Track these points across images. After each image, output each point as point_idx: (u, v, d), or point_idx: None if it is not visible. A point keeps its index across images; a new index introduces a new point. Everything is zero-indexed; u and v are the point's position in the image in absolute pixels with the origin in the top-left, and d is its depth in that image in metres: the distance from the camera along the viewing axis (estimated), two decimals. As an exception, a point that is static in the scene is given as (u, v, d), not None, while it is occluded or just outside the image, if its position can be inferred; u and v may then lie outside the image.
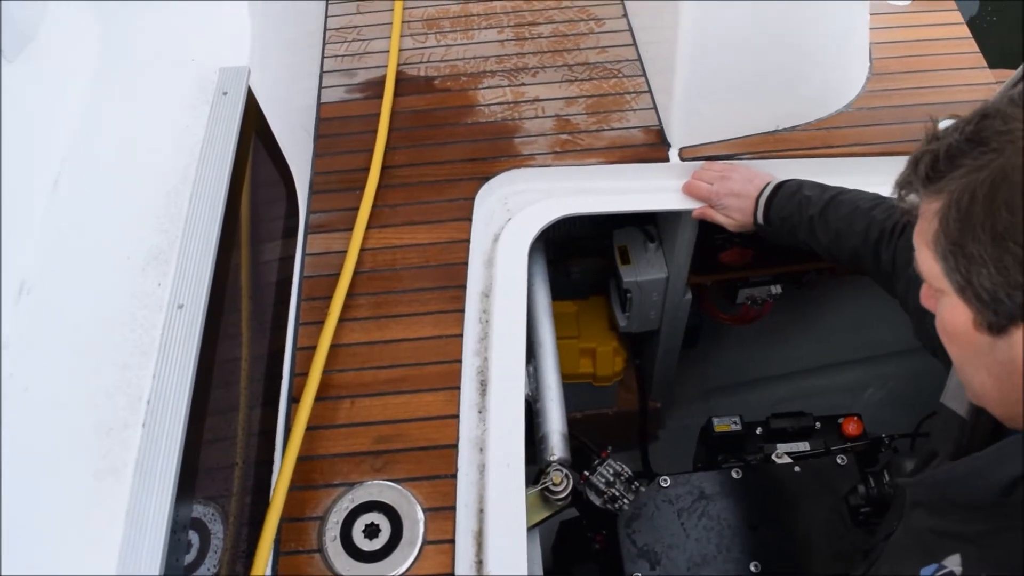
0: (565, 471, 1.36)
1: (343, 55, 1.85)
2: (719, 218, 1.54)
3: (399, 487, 1.24)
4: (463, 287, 1.46)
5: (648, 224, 1.88)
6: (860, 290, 2.01)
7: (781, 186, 1.45)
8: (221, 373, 1.10)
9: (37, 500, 0.90)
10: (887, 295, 1.30)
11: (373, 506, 1.23)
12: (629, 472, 1.44)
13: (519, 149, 1.65)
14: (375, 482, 1.25)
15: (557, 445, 1.41)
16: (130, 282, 1.05)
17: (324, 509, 1.23)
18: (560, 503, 1.34)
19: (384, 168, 1.61)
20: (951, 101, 1.67)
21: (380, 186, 1.58)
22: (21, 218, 1.07)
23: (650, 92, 1.73)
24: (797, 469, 1.53)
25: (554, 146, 1.65)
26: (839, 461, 1.53)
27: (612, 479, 1.42)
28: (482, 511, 1.23)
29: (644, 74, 1.76)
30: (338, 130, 1.71)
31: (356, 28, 1.91)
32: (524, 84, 1.76)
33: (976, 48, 1.79)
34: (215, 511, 1.05)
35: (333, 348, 1.37)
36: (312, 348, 1.35)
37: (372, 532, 1.20)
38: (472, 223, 1.54)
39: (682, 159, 1.62)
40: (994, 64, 1.78)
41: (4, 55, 1.15)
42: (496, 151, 1.65)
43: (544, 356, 1.56)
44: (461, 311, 1.43)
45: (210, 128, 1.20)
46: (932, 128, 0.75)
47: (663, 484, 1.50)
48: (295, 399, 1.30)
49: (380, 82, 1.77)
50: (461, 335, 1.40)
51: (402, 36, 1.88)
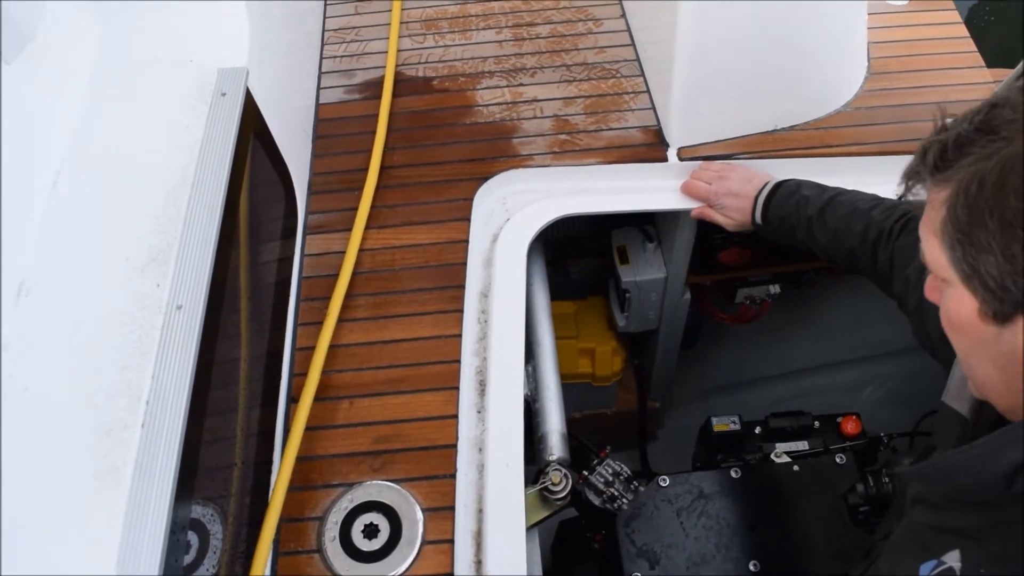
0: (564, 471, 1.36)
1: (341, 56, 1.85)
2: (717, 218, 1.54)
3: (398, 487, 1.24)
4: (462, 287, 1.46)
5: (647, 224, 1.88)
6: (858, 289, 2.01)
7: (779, 186, 1.45)
8: (220, 373, 1.10)
9: (37, 500, 0.90)
10: (885, 295, 1.30)
11: (372, 506, 1.23)
12: (628, 472, 1.44)
13: (518, 149, 1.65)
14: (374, 482, 1.25)
15: (556, 445, 1.41)
16: (129, 283, 1.05)
17: (323, 509, 1.23)
18: (559, 503, 1.34)
19: (383, 168, 1.61)
20: (949, 100, 1.67)
21: (379, 186, 1.58)
22: (21, 218, 1.07)
23: (648, 92, 1.73)
24: (796, 468, 1.53)
25: (552, 146, 1.65)
26: (838, 460, 1.53)
27: (611, 479, 1.42)
28: (481, 511, 1.23)
29: (642, 74, 1.76)
30: (337, 131, 1.71)
31: (354, 29, 1.91)
32: (522, 84, 1.76)
33: (974, 47, 1.79)
34: (214, 511, 1.05)
35: (332, 348, 1.37)
36: (311, 348, 1.36)
37: (371, 532, 1.20)
38: (471, 223, 1.54)
39: (680, 159, 1.62)
40: (992, 63, 1.78)
41: (3, 55, 1.15)
42: (495, 151, 1.65)
43: (543, 356, 1.56)
44: (460, 311, 1.43)
45: (209, 129, 1.20)
46: (941, 119, 0.75)
47: (662, 484, 1.50)
48: (294, 399, 1.30)
49: (379, 83, 1.77)
50: (460, 335, 1.40)
51: (400, 37, 1.88)
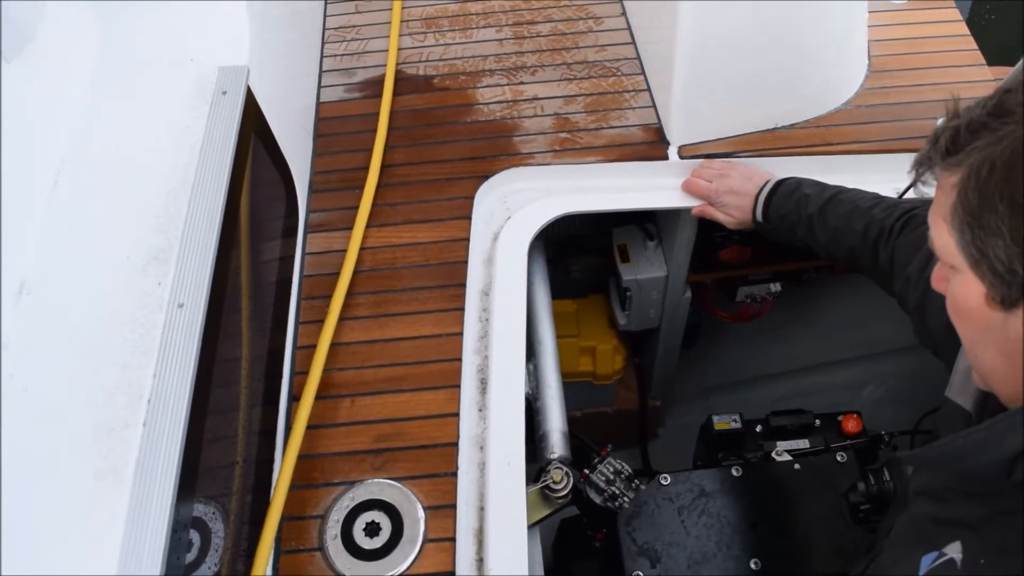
0: (565, 469, 1.36)
1: (342, 54, 1.85)
2: (718, 216, 1.54)
3: (400, 485, 1.24)
4: (463, 286, 1.46)
5: (647, 222, 1.88)
6: (859, 288, 2.01)
7: (780, 184, 1.45)
8: (221, 372, 1.10)
9: (37, 500, 0.90)
10: (886, 293, 1.30)
11: (374, 504, 1.23)
12: (629, 470, 1.43)
13: (518, 148, 1.65)
14: (376, 480, 1.25)
15: (557, 443, 1.41)
16: (130, 282, 1.05)
17: (325, 508, 1.23)
18: (560, 501, 1.35)
19: (383, 167, 1.61)
20: (949, 99, 1.67)
21: (380, 185, 1.58)
22: (21, 218, 1.07)
23: (649, 90, 1.73)
24: (797, 467, 1.53)
25: (553, 144, 1.65)
26: (839, 458, 1.53)
27: (612, 477, 1.42)
28: (483, 509, 1.23)
29: (643, 72, 1.76)
30: (337, 129, 1.71)
31: (355, 27, 1.91)
32: (523, 83, 1.76)
33: (974, 45, 1.79)
34: (216, 510, 1.05)
35: (333, 347, 1.37)
36: (312, 347, 1.36)
37: (373, 530, 1.20)
38: (472, 222, 1.54)
39: (681, 157, 1.62)
40: (993, 61, 1.78)
41: (3, 55, 1.15)
42: (495, 150, 1.65)
43: (544, 354, 1.56)
44: (461, 309, 1.43)
45: (209, 128, 1.20)
46: (953, 106, 0.75)
47: (663, 482, 1.50)
48: (295, 398, 1.30)
49: (379, 81, 1.77)
50: (461, 333, 1.40)
51: (401, 35, 1.88)
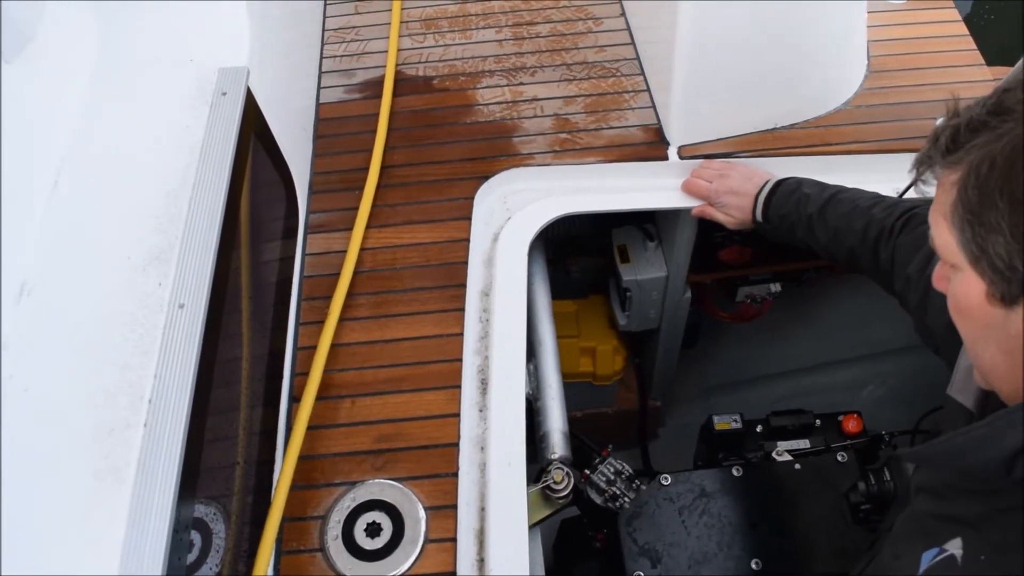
0: (566, 469, 1.36)
1: (342, 55, 1.85)
2: (718, 216, 1.54)
3: (400, 486, 1.24)
4: (463, 286, 1.46)
5: (647, 223, 1.88)
6: (859, 288, 2.01)
7: (780, 184, 1.45)
8: (222, 373, 1.10)
9: (38, 501, 0.89)
10: (886, 293, 1.30)
11: (374, 505, 1.23)
12: (630, 470, 1.44)
13: (518, 148, 1.65)
14: (376, 481, 1.25)
15: (558, 443, 1.41)
16: (131, 282, 1.05)
17: (326, 508, 1.23)
18: (561, 501, 1.34)
19: (383, 168, 1.61)
20: (949, 99, 1.67)
21: (379, 186, 1.58)
22: (21, 218, 1.07)
23: (648, 91, 1.73)
24: (797, 467, 1.53)
25: (553, 145, 1.65)
26: (839, 458, 1.53)
27: (613, 477, 1.42)
28: (483, 509, 1.23)
29: (642, 73, 1.76)
30: (337, 130, 1.71)
31: (354, 28, 1.91)
32: (523, 83, 1.77)
33: (973, 45, 1.79)
34: (217, 511, 1.05)
35: (333, 347, 1.37)
36: (312, 348, 1.36)
37: (374, 531, 1.20)
38: (472, 222, 1.54)
39: (681, 157, 1.62)
40: (992, 62, 1.78)
41: (3, 55, 1.15)
42: (495, 150, 1.65)
43: (544, 355, 1.56)
44: (461, 310, 1.43)
45: (210, 128, 1.20)
46: (953, 106, 0.75)
47: (664, 482, 1.50)
48: (296, 398, 1.30)
49: (379, 82, 1.77)
50: (461, 334, 1.40)
51: (400, 36, 1.88)
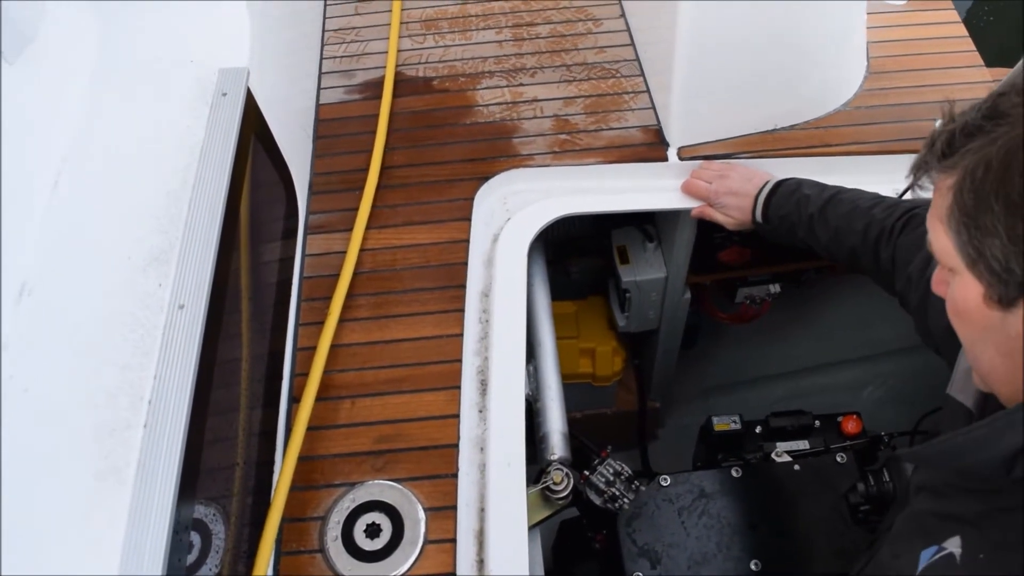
0: (566, 470, 1.36)
1: (342, 56, 1.85)
2: (718, 217, 1.54)
3: (400, 487, 1.24)
4: (463, 287, 1.46)
5: (647, 224, 1.88)
6: (859, 289, 2.01)
7: (780, 185, 1.45)
8: (222, 373, 1.10)
9: (38, 501, 0.89)
10: (886, 293, 1.30)
11: (374, 506, 1.23)
12: (629, 471, 1.44)
13: (518, 149, 1.65)
14: (376, 482, 1.25)
15: (557, 444, 1.41)
16: (131, 283, 1.05)
17: (325, 509, 1.23)
18: (561, 502, 1.34)
19: (383, 168, 1.62)
20: (948, 100, 1.67)
21: (379, 186, 1.59)
22: (21, 218, 1.07)
23: (648, 92, 1.73)
24: (797, 467, 1.53)
25: (553, 146, 1.65)
26: (839, 459, 1.53)
27: (612, 478, 1.42)
28: (483, 510, 1.23)
29: (642, 74, 1.76)
30: (337, 131, 1.71)
31: (355, 29, 1.91)
32: (522, 84, 1.77)
33: (973, 47, 1.79)
34: (216, 511, 1.05)
35: (333, 348, 1.37)
36: (312, 348, 1.36)
37: (373, 532, 1.20)
38: (471, 223, 1.54)
39: (680, 158, 1.62)
40: (991, 63, 1.78)
41: (4, 56, 1.15)
42: (495, 151, 1.65)
43: (544, 356, 1.56)
44: (461, 311, 1.43)
45: (210, 129, 1.20)
46: (948, 111, 0.76)
47: (663, 483, 1.50)
48: (296, 399, 1.30)
49: (379, 83, 1.77)
50: (461, 335, 1.40)
51: (400, 37, 1.88)
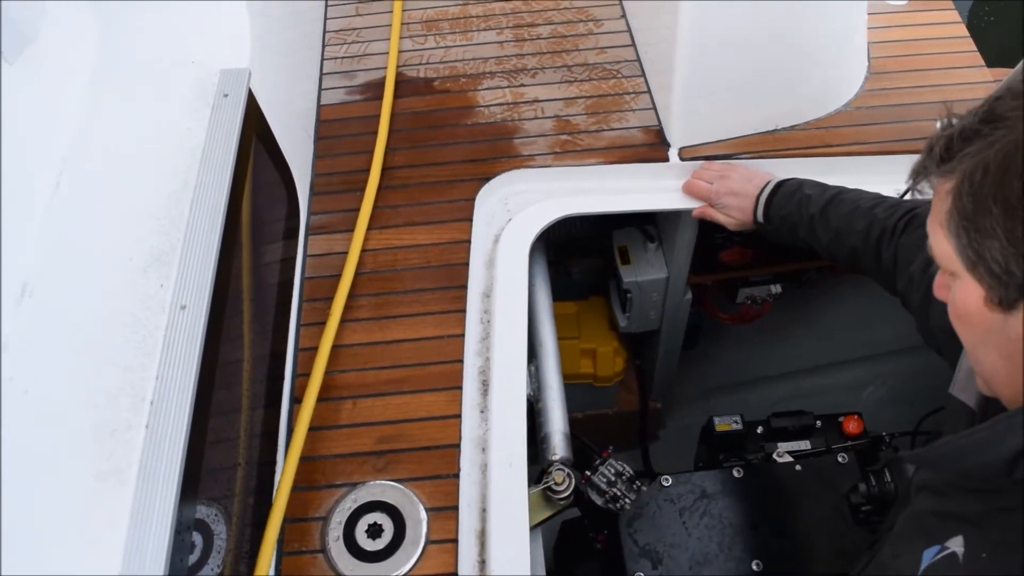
0: (567, 471, 1.36)
1: (343, 57, 1.85)
2: (719, 217, 1.54)
3: (402, 487, 1.24)
4: (464, 287, 1.46)
5: (648, 224, 1.88)
6: (860, 289, 2.01)
7: (781, 185, 1.45)
8: (224, 374, 1.10)
9: (39, 501, 0.90)
10: (887, 293, 1.30)
11: (376, 506, 1.23)
12: (630, 472, 1.44)
13: (519, 150, 1.65)
14: (378, 482, 1.25)
15: (559, 445, 1.41)
16: (132, 283, 1.05)
17: (327, 509, 1.23)
18: (562, 503, 1.34)
19: (384, 169, 1.62)
20: (949, 100, 1.66)
21: (380, 187, 1.59)
22: (22, 219, 1.07)
23: (649, 92, 1.73)
24: (798, 468, 1.53)
25: (554, 146, 1.65)
26: (840, 460, 1.53)
27: (613, 479, 1.42)
28: (485, 511, 1.23)
29: (643, 74, 1.76)
30: (338, 132, 1.71)
31: (355, 30, 1.91)
32: (523, 85, 1.77)
33: (974, 47, 1.79)
34: (218, 512, 1.05)
35: (335, 349, 1.37)
36: (314, 349, 1.36)
37: (375, 532, 1.20)
38: (473, 224, 1.54)
39: (681, 159, 1.62)
40: (992, 63, 1.78)
41: (4, 57, 1.15)
42: (496, 152, 1.65)
43: (545, 356, 1.56)
44: (462, 311, 1.43)
45: (211, 130, 1.20)
46: (947, 114, 0.76)
47: (664, 483, 1.50)
48: (297, 400, 1.31)
49: (380, 84, 1.77)
50: (462, 335, 1.40)
51: (401, 38, 1.88)
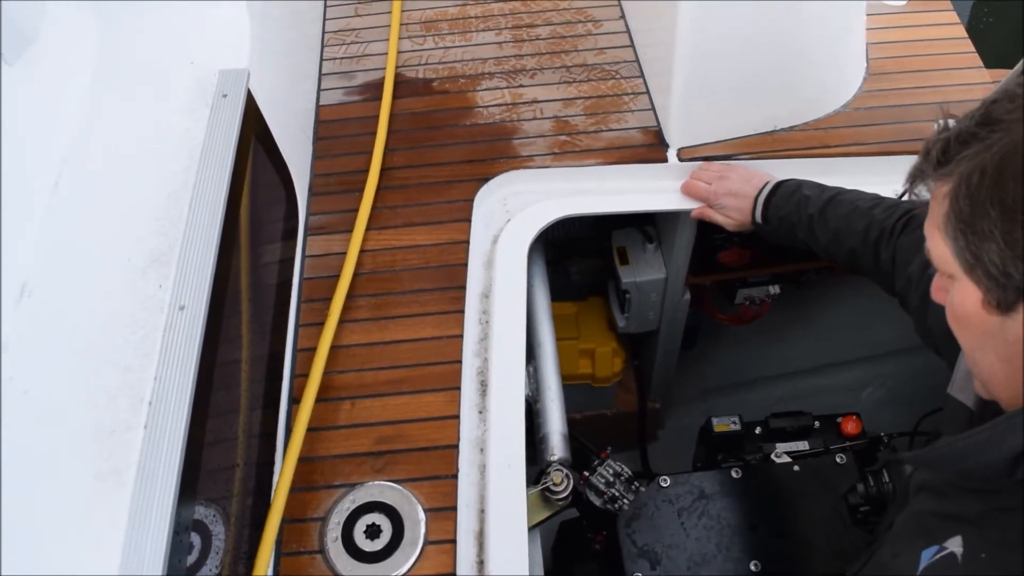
0: (566, 471, 1.36)
1: (341, 57, 1.85)
2: (718, 218, 1.54)
3: (400, 487, 1.24)
4: (463, 288, 1.46)
5: (647, 225, 1.88)
6: (859, 289, 2.01)
7: (780, 186, 1.46)
8: (222, 375, 1.10)
9: (38, 502, 0.90)
10: (886, 294, 1.31)
11: (374, 507, 1.23)
12: (629, 472, 1.44)
13: (518, 150, 1.65)
14: (376, 483, 1.25)
15: (557, 445, 1.41)
16: (131, 284, 1.05)
17: (325, 510, 1.23)
18: (561, 503, 1.35)
19: (383, 170, 1.62)
20: (947, 101, 1.68)
21: (379, 188, 1.59)
22: (21, 219, 1.07)
23: (648, 93, 1.73)
24: (796, 468, 1.53)
25: (553, 147, 1.65)
26: (838, 460, 1.54)
27: (612, 479, 1.42)
28: (483, 511, 1.23)
29: (642, 75, 1.76)
30: (337, 132, 1.71)
31: (354, 31, 1.91)
32: (522, 86, 1.77)
33: (972, 48, 1.79)
34: (217, 512, 1.05)
35: (333, 349, 1.37)
36: (312, 349, 1.36)
37: (373, 533, 1.20)
38: (471, 224, 1.54)
39: (680, 159, 1.62)
40: (991, 64, 1.78)
41: (4, 56, 1.15)
42: (495, 152, 1.65)
43: (544, 357, 1.56)
44: (461, 312, 1.43)
45: (210, 130, 1.20)
46: (943, 120, 0.76)
47: (663, 484, 1.50)
48: (296, 400, 1.31)
49: (379, 84, 1.77)
50: (461, 336, 1.40)
51: (400, 38, 1.88)
